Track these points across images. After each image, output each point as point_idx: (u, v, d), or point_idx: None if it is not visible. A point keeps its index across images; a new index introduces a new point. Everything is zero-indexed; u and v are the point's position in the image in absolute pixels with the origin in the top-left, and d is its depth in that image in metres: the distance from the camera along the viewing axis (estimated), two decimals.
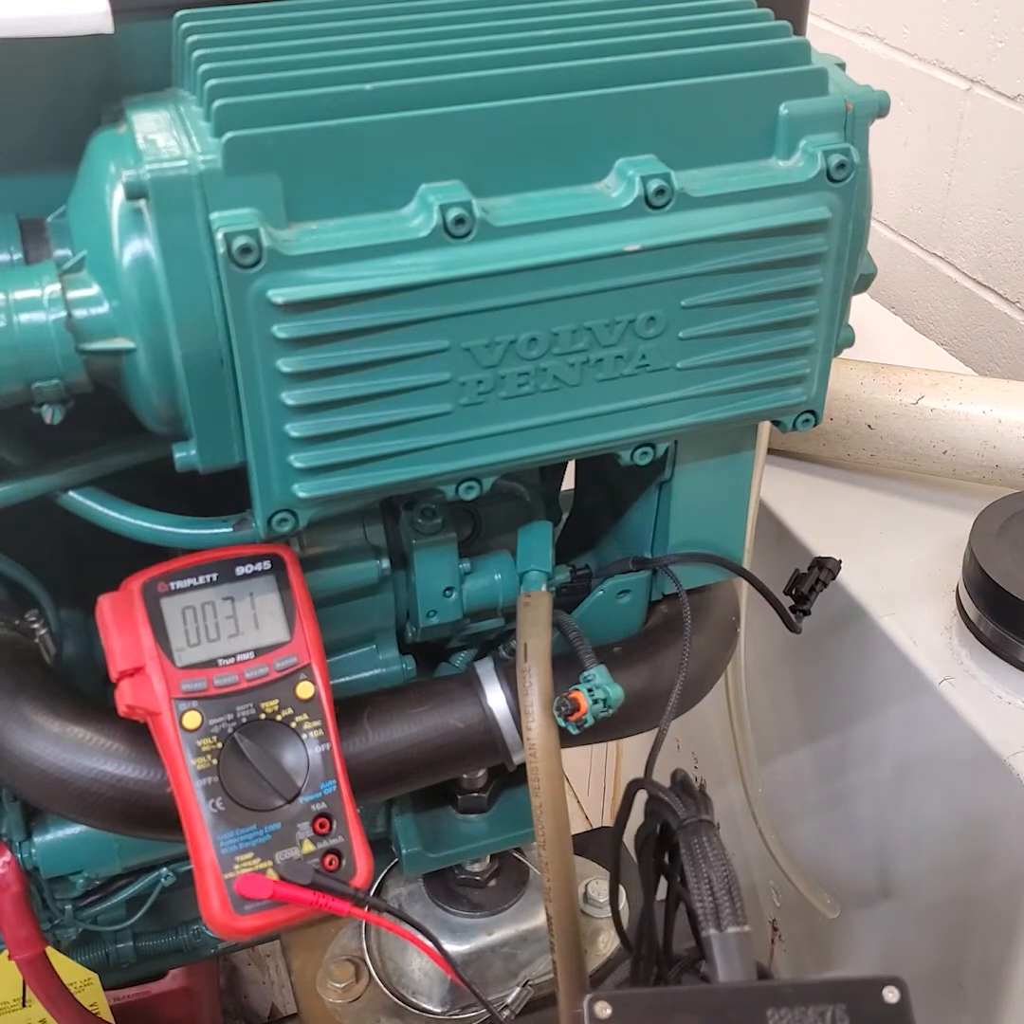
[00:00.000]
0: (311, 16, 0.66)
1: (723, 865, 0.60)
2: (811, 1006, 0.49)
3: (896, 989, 0.50)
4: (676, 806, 0.62)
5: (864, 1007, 0.50)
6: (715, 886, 0.59)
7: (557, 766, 0.76)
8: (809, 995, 0.50)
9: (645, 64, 0.64)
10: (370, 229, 0.60)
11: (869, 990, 0.50)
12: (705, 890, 0.59)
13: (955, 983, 1.06)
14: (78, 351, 0.60)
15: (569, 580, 0.85)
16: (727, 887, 0.59)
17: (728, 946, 0.57)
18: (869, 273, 0.73)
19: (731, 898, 0.59)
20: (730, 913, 0.58)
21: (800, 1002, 0.49)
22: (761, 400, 0.71)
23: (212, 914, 0.67)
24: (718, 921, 0.58)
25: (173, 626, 0.69)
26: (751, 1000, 0.50)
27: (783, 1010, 0.49)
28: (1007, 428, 1.13)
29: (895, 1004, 0.50)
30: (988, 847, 0.99)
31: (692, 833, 0.61)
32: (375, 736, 0.78)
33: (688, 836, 0.61)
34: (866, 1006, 0.50)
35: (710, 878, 0.59)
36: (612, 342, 0.66)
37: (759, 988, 0.52)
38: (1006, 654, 1.00)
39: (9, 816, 0.85)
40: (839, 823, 1.21)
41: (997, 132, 1.51)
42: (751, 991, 0.51)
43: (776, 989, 0.50)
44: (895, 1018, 0.50)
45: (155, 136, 0.59)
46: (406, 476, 0.66)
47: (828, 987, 0.50)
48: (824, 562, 0.93)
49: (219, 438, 0.63)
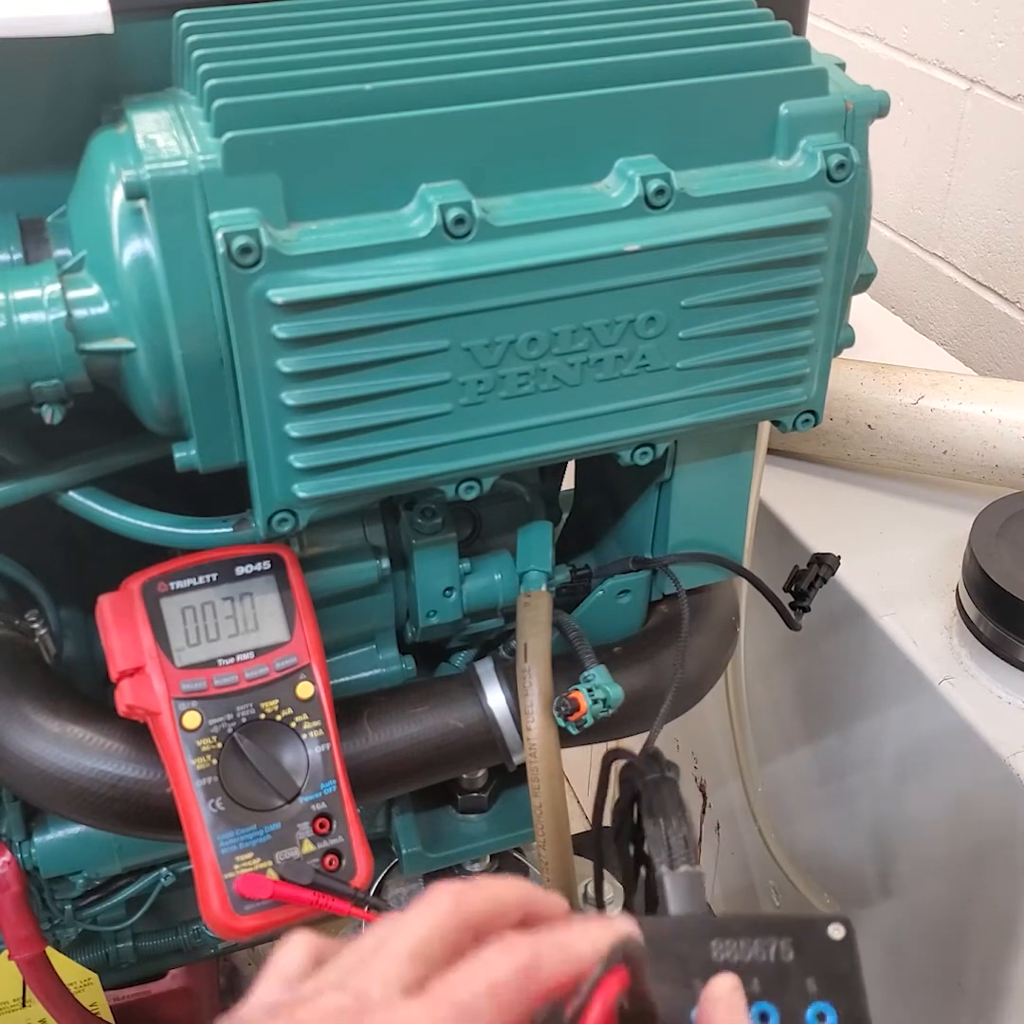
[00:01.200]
0: (311, 16, 0.66)
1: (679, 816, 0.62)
2: (756, 939, 0.50)
3: (841, 926, 0.51)
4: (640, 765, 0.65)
5: (809, 942, 0.50)
6: (669, 831, 0.62)
7: (557, 766, 0.76)
8: (755, 929, 0.50)
9: (645, 64, 0.64)
10: (370, 229, 0.60)
11: (815, 926, 0.51)
12: (661, 837, 0.61)
13: (955, 983, 1.06)
14: (78, 351, 0.60)
15: (569, 580, 0.85)
16: (681, 832, 0.62)
17: (679, 883, 0.59)
18: (869, 273, 0.73)
19: (685, 842, 0.61)
20: (683, 854, 0.60)
21: (746, 935, 0.50)
22: (761, 400, 0.71)
23: (212, 914, 0.67)
24: (671, 861, 0.60)
25: (173, 626, 0.69)
26: (696, 931, 0.50)
27: (728, 941, 0.50)
28: (1007, 428, 1.13)
29: (840, 940, 0.50)
30: (988, 847, 0.99)
31: (653, 787, 0.63)
32: (375, 736, 0.78)
33: (649, 792, 0.63)
34: (811, 941, 0.50)
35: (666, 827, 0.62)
36: (612, 342, 0.66)
37: (704, 920, 0.52)
38: (1006, 654, 1.00)
39: (9, 816, 0.84)
40: (839, 823, 1.21)
41: (997, 132, 1.51)
42: (696, 922, 0.52)
43: (721, 922, 0.51)
44: (840, 953, 0.50)
45: (155, 136, 0.59)
46: (406, 476, 0.66)
47: (774, 922, 0.51)
48: (823, 558, 0.93)
49: (219, 438, 0.63)
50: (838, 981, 0.50)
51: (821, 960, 0.50)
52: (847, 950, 0.50)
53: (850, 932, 0.51)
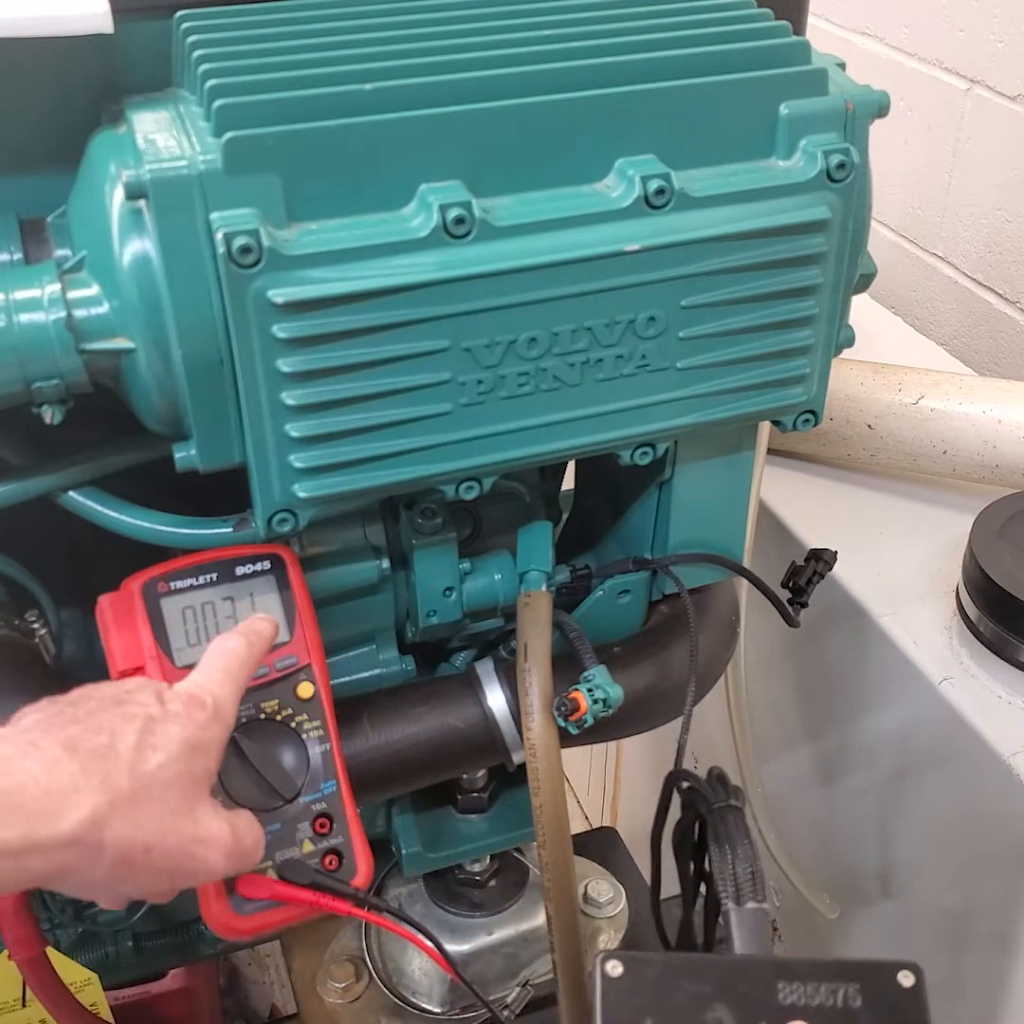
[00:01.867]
0: (311, 16, 0.66)
1: (746, 846, 0.62)
2: (823, 983, 0.49)
3: (911, 974, 0.50)
4: (707, 792, 0.64)
5: (878, 988, 0.49)
6: (737, 865, 0.61)
7: (557, 766, 0.76)
8: (822, 973, 0.49)
9: (645, 64, 0.64)
10: (370, 229, 0.60)
11: (884, 972, 0.50)
12: (728, 868, 0.60)
13: (955, 983, 1.06)
14: (78, 351, 0.60)
15: (569, 580, 0.85)
16: (749, 866, 0.61)
17: (745, 920, 0.58)
18: (869, 273, 0.73)
19: (752, 876, 0.61)
20: (750, 889, 0.60)
21: (813, 978, 0.49)
22: (761, 400, 0.71)
23: (212, 914, 0.67)
24: (737, 896, 0.60)
25: (173, 626, 0.69)
26: (763, 972, 0.49)
27: (795, 984, 0.49)
28: (1007, 428, 1.13)
29: (909, 988, 0.49)
30: (988, 847, 0.99)
31: (719, 817, 0.63)
32: (375, 736, 0.78)
33: (715, 819, 0.63)
34: (880, 988, 0.49)
35: (732, 858, 0.61)
36: (612, 342, 0.66)
37: (772, 961, 0.52)
38: (1006, 654, 1.00)
39: None
40: (839, 823, 1.21)
41: (997, 132, 1.51)
42: (764, 963, 0.51)
43: (789, 964, 0.50)
44: (909, 1002, 0.49)
45: (155, 136, 0.59)
46: (406, 476, 0.66)
47: (842, 967, 0.50)
48: (820, 554, 0.92)
49: (219, 438, 0.63)
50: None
51: (890, 1007, 0.49)
52: (917, 999, 0.49)
53: (920, 980, 0.49)
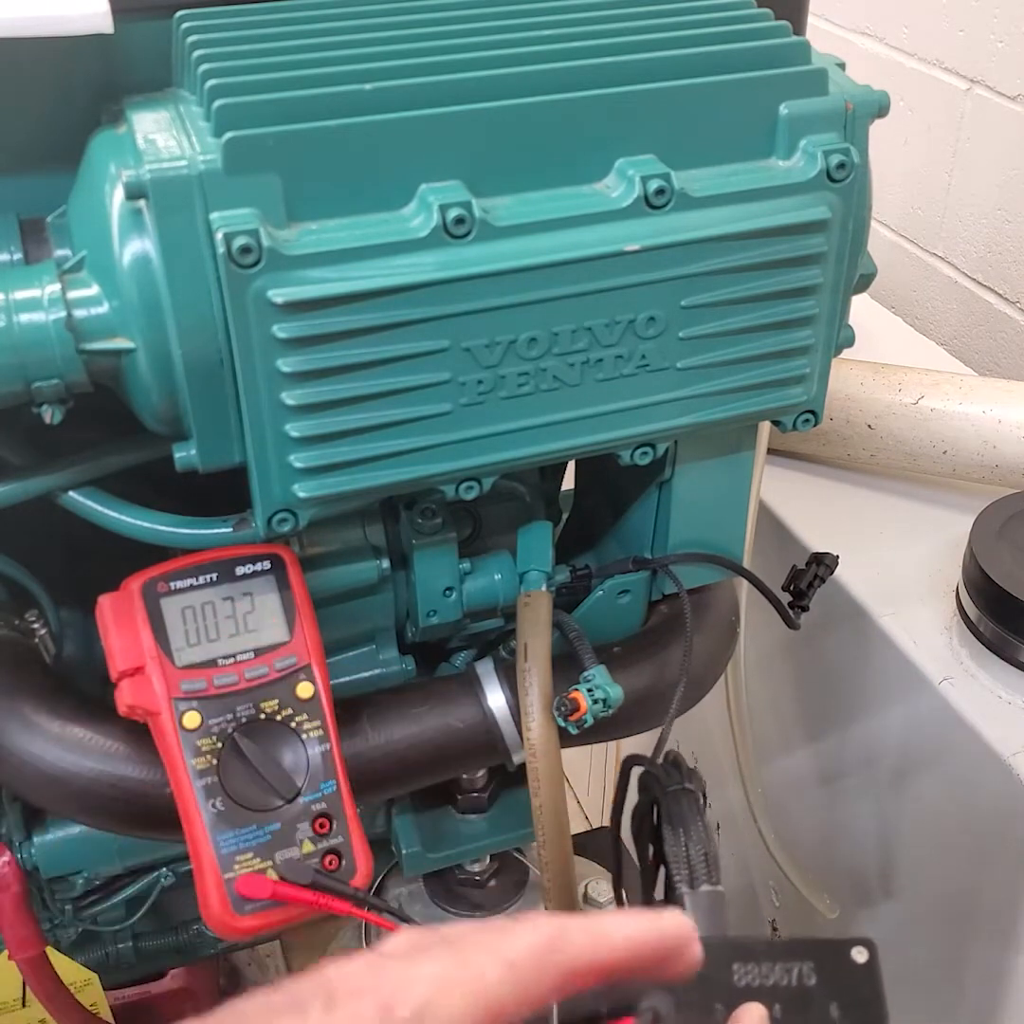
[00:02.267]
0: (311, 16, 0.66)
1: (699, 828, 0.62)
2: (778, 963, 0.49)
3: (865, 949, 0.50)
4: (661, 776, 0.64)
5: (832, 966, 0.49)
6: (690, 847, 0.61)
7: (557, 766, 0.76)
8: (776, 952, 0.49)
9: (645, 64, 0.64)
10: (370, 229, 0.60)
11: (838, 949, 0.50)
12: (681, 851, 0.60)
13: (955, 983, 1.06)
14: (78, 351, 0.60)
15: (569, 580, 0.85)
16: (702, 848, 0.61)
17: (700, 903, 0.58)
18: (869, 273, 0.73)
19: (706, 858, 0.61)
20: (704, 873, 0.60)
21: (768, 959, 0.49)
22: (761, 400, 0.71)
23: (212, 914, 0.67)
24: (691, 880, 0.60)
25: (173, 626, 0.69)
26: (718, 954, 0.49)
27: (750, 965, 0.49)
28: (1007, 428, 1.13)
29: (863, 964, 0.49)
30: (988, 847, 0.99)
31: (673, 799, 0.63)
32: (375, 736, 0.78)
33: (669, 802, 0.63)
34: (834, 965, 0.49)
35: (686, 841, 0.61)
36: (612, 342, 0.66)
37: (726, 943, 0.51)
38: (1006, 654, 1.00)
39: (9, 816, 0.84)
40: (839, 823, 1.21)
41: (997, 132, 1.51)
42: (718, 945, 0.50)
43: (744, 945, 0.50)
44: (863, 978, 0.49)
45: (155, 136, 0.59)
46: (406, 476, 0.66)
47: (796, 945, 0.50)
48: (822, 557, 0.93)
49: (219, 438, 0.63)
50: (862, 1006, 0.49)
51: (844, 984, 0.49)
52: (871, 974, 0.49)
53: (874, 955, 0.49)
